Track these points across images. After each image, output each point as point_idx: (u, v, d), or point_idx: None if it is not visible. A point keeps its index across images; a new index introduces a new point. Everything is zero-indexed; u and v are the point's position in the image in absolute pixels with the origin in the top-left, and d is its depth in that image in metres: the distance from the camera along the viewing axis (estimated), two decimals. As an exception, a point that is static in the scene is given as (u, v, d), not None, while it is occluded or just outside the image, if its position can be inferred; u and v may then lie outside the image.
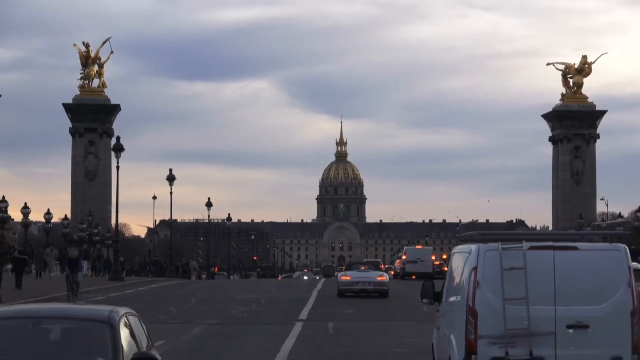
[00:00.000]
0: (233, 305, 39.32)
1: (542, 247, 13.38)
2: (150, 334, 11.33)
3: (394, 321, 31.52)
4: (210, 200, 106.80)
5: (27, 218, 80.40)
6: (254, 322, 31.55)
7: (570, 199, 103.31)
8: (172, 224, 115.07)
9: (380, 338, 25.74)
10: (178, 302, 41.43)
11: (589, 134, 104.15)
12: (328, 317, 32.73)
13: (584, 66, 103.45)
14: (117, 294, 49.66)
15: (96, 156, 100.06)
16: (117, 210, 70.48)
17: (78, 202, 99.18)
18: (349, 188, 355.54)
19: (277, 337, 25.11)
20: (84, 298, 44.63)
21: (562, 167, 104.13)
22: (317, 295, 45.88)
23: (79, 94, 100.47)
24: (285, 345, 23.32)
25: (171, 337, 25.18)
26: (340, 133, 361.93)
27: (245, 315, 34.44)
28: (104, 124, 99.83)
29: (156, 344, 23.16)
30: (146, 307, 38.63)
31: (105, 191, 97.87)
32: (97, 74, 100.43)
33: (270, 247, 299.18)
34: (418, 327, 29.28)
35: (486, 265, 13.16)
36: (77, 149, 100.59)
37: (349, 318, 32.82)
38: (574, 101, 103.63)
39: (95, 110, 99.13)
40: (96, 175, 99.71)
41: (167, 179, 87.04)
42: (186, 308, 38.16)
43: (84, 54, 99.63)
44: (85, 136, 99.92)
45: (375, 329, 28.47)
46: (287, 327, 28.46)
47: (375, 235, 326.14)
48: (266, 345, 23.41)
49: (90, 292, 49.07)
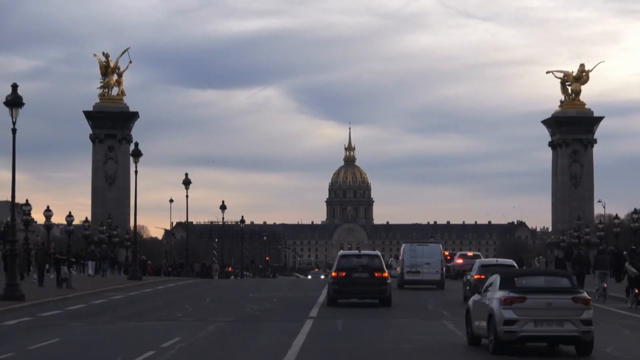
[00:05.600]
0: (246, 303, 39.30)
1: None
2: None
3: (400, 319, 31.44)
4: (224, 203, 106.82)
5: (50, 221, 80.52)
6: (266, 319, 31.49)
7: (569, 201, 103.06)
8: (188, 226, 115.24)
9: (387, 335, 25.67)
10: (194, 301, 41.43)
11: (587, 139, 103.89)
12: (337, 314, 32.68)
13: (581, 74, 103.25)
14: (136, 292, 49.70)
15: (115, 161, 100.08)
16: (135, 213, 70.71)
17: (98, 205, 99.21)
18: (357, 191, 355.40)
19: (288, 334, 25.07)
20: (105, 297, 44.70)
21: (561, 170, 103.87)
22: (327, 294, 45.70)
23: (99, 102, 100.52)
24: (296, 342, 23.27)
25: (187, 334, 25.17)
26: (348, 139, 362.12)
27: (258, 313, 34.39)
28: (123, 131, 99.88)
29: (172, 340, 23.24)
30: (163, 305, 38.67)
31: (124, 195, 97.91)
32: (116, 82, 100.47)
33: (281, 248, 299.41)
34: (422, 324, 29.23)
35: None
36: (97, 154, 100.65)
37: (358, 315, 32.73)
38: (572, 107, 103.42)
39: (114, 117, 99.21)
40: (115, 180, 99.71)
41: (183, 183, 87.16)
42: (201, 306, 38.13)
43: (104, 64, 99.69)
44: (105, 142, 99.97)
45: (383, 326, 28.40)
46: (298, 324, 28.40)
47: (382, 236, 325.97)
48: (278, 342, 23.38)
49: (109, 291, 49.16)
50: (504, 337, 20.62)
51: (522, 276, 21.93)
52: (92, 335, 25.79)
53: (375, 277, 37.77)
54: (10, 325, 28.74)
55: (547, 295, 20.77)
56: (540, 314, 20.51)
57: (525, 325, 20.49)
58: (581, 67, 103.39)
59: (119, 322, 29.85)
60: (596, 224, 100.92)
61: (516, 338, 20.61)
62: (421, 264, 53.86)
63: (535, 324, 20.53)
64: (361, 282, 37.62)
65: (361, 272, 37.99)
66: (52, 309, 35.71)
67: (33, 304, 37.17)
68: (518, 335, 20.56)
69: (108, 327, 28.06)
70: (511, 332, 20.52)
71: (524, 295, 20.68)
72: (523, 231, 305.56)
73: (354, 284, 37.64)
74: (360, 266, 38.26)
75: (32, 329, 27.67)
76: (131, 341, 24.01)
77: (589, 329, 20.54)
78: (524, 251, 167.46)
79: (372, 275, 37.87)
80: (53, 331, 26.40)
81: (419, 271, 53.79)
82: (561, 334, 20.67)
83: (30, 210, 75.25)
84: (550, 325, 20.56)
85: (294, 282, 75.43)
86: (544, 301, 20.58)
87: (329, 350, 22.06)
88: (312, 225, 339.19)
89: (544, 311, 20.52)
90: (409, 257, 54.76)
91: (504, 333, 20.57)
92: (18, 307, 35.24)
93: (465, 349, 22.56)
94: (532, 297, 20.66)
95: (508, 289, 20.95)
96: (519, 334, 20.53)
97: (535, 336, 20.77)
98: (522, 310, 20.52)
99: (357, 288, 37.76)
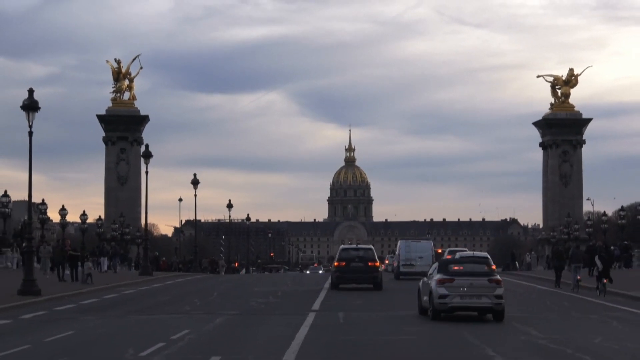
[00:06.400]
0: (252, 297, 39.25)
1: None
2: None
3: (399, 311, 31.41)
4: (231, 202, 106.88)
5: (65, 219, 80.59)
6: (271, 312, 31.46)
7: (559, 199, 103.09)
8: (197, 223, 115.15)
9: (387, 326, 25.66)
10: (202, 295, 41.38)
11: (576, 140, 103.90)
12: (338, 307, 32.65)
13: (570, 78, 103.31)
14: (146, 287, 49.68)
15: (127, 162, 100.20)
16: (146, 212, 70.68)
17: (111, 204, 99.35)
18: (357, 190, 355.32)
19: (292, 326, 25.04)
20: (117, 291, 44.72)
21: (551, 170, 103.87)
22: (328, 288, 45.75)
23: (112, 106, 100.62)
24: (299, 333, 23.25)
25: (195, 326, 25.14)
26: (349, 140, 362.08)
27: (263, 306, 34.35)
28: (134, 133, 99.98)
29: (182, 332, 23.22)
30: (173, 300, 38.64)
31: (135, 194, 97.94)
32: (127, 87, 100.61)
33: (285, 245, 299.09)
34: (419, 316, 29.20)
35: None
36: (110, 156, 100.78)
37: (358, 308, 32.72)
38: (562, 110, 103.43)
39: (126, 120, 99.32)
40: (127, 180, 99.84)
41: (192, 183, 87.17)
42: (209, 300, 38.08)
43: (116, 70, 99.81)
44: (118, 144, 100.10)
45: (382, 318, 28.40)
46: (301, 317, 28.36)
47: (381, 232, 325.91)
48: (282, 333, 23.34)
49: (121, 286, 49.13)
50: (439, 307, 26.87)
51: (453, 264, 27.61)
52: (105, 328, 25.76)
53: (369, 266, 44.14)
54: (27, 319, 28.73)
55: (470, 277, 26.80)
56: (464, 291, 26.68)
57: (454, 299, 26.70)
58: (570, 71, 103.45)
59: (130, 316, 29.82)
60: (585, 220, 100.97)
61: (447, 308, 26.87)
62: (414, 258, 59.37)
63: (461, 298, 26.73)
64: (358, 270, 43.89)
65: (358, 262, 44.22)
66: (67, 303, 35.69)
67: (49, 299, 37.16)
68: (448, 306, 26.81)
69: (120, 320, 28.04)
70: (444, 304, 26.75)
71: (453, 277, 26.78)
72: (515, 228, 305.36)
73: (352, 272, 43.92)
74: (357, 257, 44.55)
75: (47, 322, 27.65)
76: (142, 333, 23.98)
77: (500, 301, 26.69)
78: (516, 247, 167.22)
79: (367, 265, 44.11)
80: (67, 324, 26.38)
81: (412, 264, 58.98)
82: (479, 305, 26.90)
83: (46, 209, 75.42)
84: (472, 298, 26.75)
85: (297, 277, 75.37)
86: (467, 282, 26.73)
87: (330, 341, 22.04)
88: (314, 223, 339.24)
89: (467, 289, 26.67)
90: (404, 252, 60.27)
91: (439, 304, 26.79)
92: (34, 302, 35.23)
93: (416, 317, 28.50)
94: (459, 278, 26.76)
95: (442, 273, 27.08)
96: (449, 304, 26.77)
97: (460, 306, 26.99)
98: (451, 288, 26.70)
99: (355, 275, 44.04)
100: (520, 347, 21.05)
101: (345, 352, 20.06)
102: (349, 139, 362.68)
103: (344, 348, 20.77)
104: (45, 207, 74.64)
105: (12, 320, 27.89)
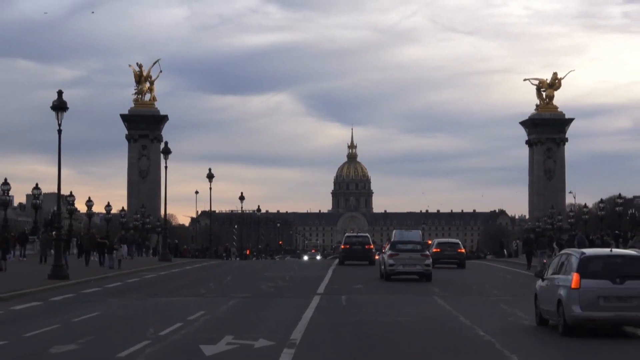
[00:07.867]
0: (262, 281, 39.23)
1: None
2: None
3: (398, 294, 31.38)
4: (243, 195, 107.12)
5: (91, 210, 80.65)
6: (279, 295, 31.45)
7: (544, 192, 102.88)
8: (212, 214, 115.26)
9: (386, 309, 25.61)
10: (216, 279, 41.39)
11: (559, 138, 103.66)
12: (341, 291, 32.61)
13: (554, 81, 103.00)
14: (165, 272, 49.68)
15: (148, 158, 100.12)
16: (165, 203, 70.75)
17: (133, 197, 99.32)
18: (359, 184, 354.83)
19: (299, 308, 25.02)
20: (139, 276, 44.70)
21: (536, 166, 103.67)
22: (332, 274, 45.77)
23: (134, 107, 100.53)
24: (306, 315, 23.24)
25: (210, 308, 25.15)
26: (351, 138, 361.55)
27: (272, 290, 34.33)
28: (155, 131, 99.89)
29: (198, 313, 23.23)
30: (190, 283, 38.65)
31: (155, 187, 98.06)
32: (148, 89, 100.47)
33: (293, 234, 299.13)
34: (417, 299, 29.18)
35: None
36: (132, 152, 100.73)
37: (359, 292, 32.69)
38: (546, 111, 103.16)
39: (147, 120, 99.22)
40: (148, 174, 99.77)
41: (207, 177, 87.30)
42: (223, 284, 38.09)
43: (138, 73, 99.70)
44: (139, 141, 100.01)
45: (381, 301, 28.36)
46: (307, 299, 28.35)
47: (380, 223, 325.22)
48: (290, 315, 23.34)
49: (142, 271, 49.13)
50: (388, 272, 38.60)
51: (400, 244, 39.90)
52: (128, 309, 25.78)
53: (366, 249, 56.32)
54: (57, 301, 28.75)
55: (409, 253, 38.69)
56: (405, 262, 38.47)
57: (397, 267, 38.50)
58: (554, 75, 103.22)
59: (151, 298, 29.82)
60: (567, 212, 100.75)
61: (393, 273, 38.46)
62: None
63: (403, 266, 38.55)
64: (357, 252, 55.80)
65: (358, 245, 56.34)
66: (93, 287, 35.72)
67: (76, 282, 37.18)
68: (394, 272, 38.48)
69: (141, 302, 28.05)
70: (391, 270, 38.53)
71: (398, 252, 38.76)
72: (504, 218, 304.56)
73: (354, 253, 55.87)
74: (357, 242, 57.00)
75: (75, 304, 27.67)
76: (162, 314, 24.00)
77: (428, 269, 38.44)
78: (504, 236, 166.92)
79: (364, 248, 56.23)
80: (93, 306, 26.40)
81: None
82: (415, 270, 38.55)
83: (74, 201, 75.47)
84: (409, 267, 38.57)
85: (302, 262, 75.31)
86: (407, 255, 38.57)
87: (334, 321, 22.04)
88: (319, 214, 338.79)
89: (407, 260, 38.48)
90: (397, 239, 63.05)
91: (387, 270, 38.60)
92: (63, 285, 35.25)
93: (379, 281, 38.85)
94: (402, 254, 38.63)
95: (392, 250, 39.29)
96: (395, 270, 38.50)
97: (402, 272, 38.49)
98: (397, 259, 38.61)
99: (355, 254, 55.64)
100: (506, 326, 21.04)
101: (347, 331, 20.05)
102: (351, 137, 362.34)
103: (347, 327, 20.77)
104: (73, 198, 74.68)
105: (43, 302, 27.92)
